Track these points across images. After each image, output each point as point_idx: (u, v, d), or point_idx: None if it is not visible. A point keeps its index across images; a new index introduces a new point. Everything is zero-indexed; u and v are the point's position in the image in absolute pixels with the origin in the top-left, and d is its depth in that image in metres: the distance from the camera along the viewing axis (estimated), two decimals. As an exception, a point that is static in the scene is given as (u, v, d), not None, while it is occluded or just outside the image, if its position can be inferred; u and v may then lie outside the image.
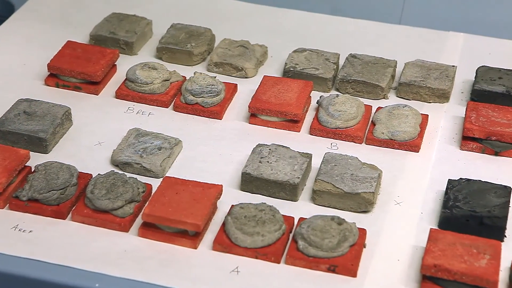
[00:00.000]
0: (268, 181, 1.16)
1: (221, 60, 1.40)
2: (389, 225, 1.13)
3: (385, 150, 1.26)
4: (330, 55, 1.41)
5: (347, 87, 1.37)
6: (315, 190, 1.15)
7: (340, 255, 1.06)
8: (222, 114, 1.32)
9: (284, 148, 1.21)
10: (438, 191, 1.18)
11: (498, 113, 1.27)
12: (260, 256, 1.07)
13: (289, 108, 1.29)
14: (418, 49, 1.48)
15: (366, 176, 1.16)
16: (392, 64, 1.39)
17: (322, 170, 1.18)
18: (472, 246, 1.04)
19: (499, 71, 1.37)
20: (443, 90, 1.35)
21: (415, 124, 1.27)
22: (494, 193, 1.13)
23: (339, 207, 1.15)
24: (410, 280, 1.05)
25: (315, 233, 1.07)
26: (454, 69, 1.39)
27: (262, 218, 1.09)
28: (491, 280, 0.99)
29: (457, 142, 1.27)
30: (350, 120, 1.28)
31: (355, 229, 1.09)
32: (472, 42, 1.50)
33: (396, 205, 1.16)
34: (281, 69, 1.42)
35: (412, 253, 1.08)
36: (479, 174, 1.20)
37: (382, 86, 1.35)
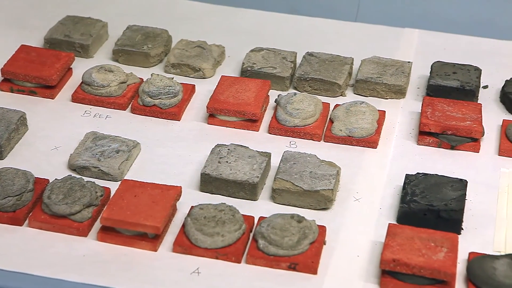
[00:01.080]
0: (228, 181, 1.16)
1: (178, 61, 1.40)
2: (349, 221, 1.14)
3: (343, 147, 1.27)
4: (287, 54, 1.42)
5: (304, 85, 1.38)
6: (275, 188, 1.16)
7: (300, 253, 1.06)
8: (180, 115, 1.31)
9: (243, 147, 1.22)
10: (396, 186, 1.19)
11: (453, 108, 1.29)
12: (220, 257, 1.07)
13: (247, 107, 1.29)
14: (374, 46, 1.49)
15: (324, 173, 1.17)
16: (349, 62, 1.40)
17: (281, 168, 1.18)
18: (430, 239, 1.05)
19: (454, 66, 1.39)
20: (399, 86, 1.36)
21: (373, 120, 1.28)
22: (450, 187, 1.14)
23: (299, 205, 1.16)
24: (370, 275, 1.06)
25: (275, 231, 1.07)
26: (410, 65, 1.40)
27: (222, 219, 1.09)
28: (448, 272, 1.01)
29: (414, 137, 1.29)
30: (308, 118, 1.29)
31: (314, 227, 1.09)
32: (427, 38, 1.52)
33: (355, 201, 1.17)
34: (238, 68, 1.42)
35: (372, 249, 1.09)
36: (436, 168, 1.21)
37: (339, 83, 1.36)
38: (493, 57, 1.46)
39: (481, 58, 1.45)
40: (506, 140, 1.25)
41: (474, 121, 1.26)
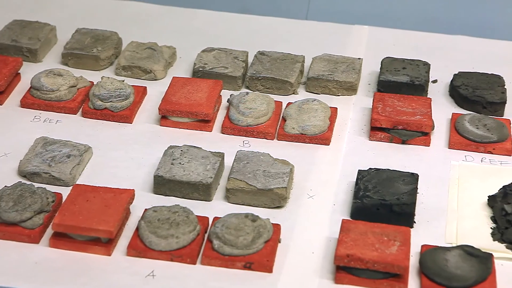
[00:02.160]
0: (181, 182, 1.16)
1: (129, 63, 1.39)
2: (303, 218, 1.14)
3: (296, 144, 1.27)
4: (239, 53, 1.42)
5: (256, 84, 1.38)
6: (229, 188, 1.16)
7: (255, 251, 1.07)
8: (132, 117, 1.30)
9: (196, 148, 1.21)
10: (349, 182, 1.20)
11: (404, 103, 1.30)
12: (175, 259, 1.06)
13: (200, 108, 1.29)
14: (325, 44, 1.50)
15: (278, 171, 1.17)
16: (300, 60, 1.41)
17: (235, 168, 1.18)
18: (383, 234, 1.06)
19: (403, 61, 1.40)
20: (351, 83, 1.37)
21: (325, 117, 1.29)
22: (402, 181, 1.15)
23: (253, 204, 1.16)
24: (325, 271, 1.06)
25: (230, 231, 1.07)
26: (360, 61, 1.41)
27: (176, 220, 1.08)
28: (401, 266, 1.02)
29: (366, 133, 1.30)
30: (261, 117, 1.29)
31: (269, 225, 1.10)
32: (376, 34, 1.53)
33: (309, 198, 1.18)
34: (190, 69, 1.42)
35: (326, 245, 1.10)
36: (388, 163, 1.23)
37: (291, 81, 1.37)
38: (441, 52, 1.49)
39: (430, 53, 1.47)
40: (455, 133, 1.27)
41: (424, 116, 1.27)
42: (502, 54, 1.48)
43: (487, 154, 1.25)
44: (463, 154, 1.25)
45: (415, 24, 1.57)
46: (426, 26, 1.56)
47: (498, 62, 1.45)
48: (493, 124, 1.27)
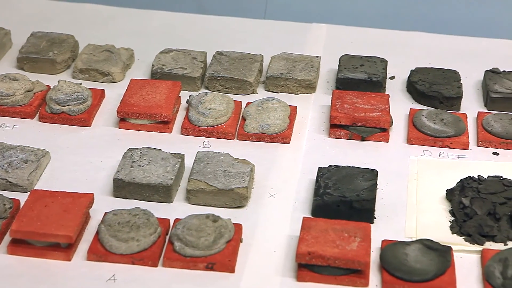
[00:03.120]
0: (141, 185, 1.15)
1: (86, 66, 1.38)
2: (264, 217, 1.14)
3: (256, 144, 1.27)
4: (197, 54, 1.42)
5: (216, 84, 1.38)
6: (189, 189, 1.15)
7: (217, 252, 1.06)
8: (90, 121, 1.29)
9: (155, 150, 1.21)
10: (309, 180, 1.21)
11: (362, 100, 1.31)
12: (136, 262, 1.06)
13: (159, 109, 1.28)
14: (283, 42, 1.50)
15: (238, 171, 1.17)
16: (259, 59, 1.41)
17: (195, 169, 1.18)
18: (344, 230, 1.07)
19: (361, 58, 1.41)
20: (309, 81, 1.38)
21: (284, 116, 1.29)
22: (362, 177, 1.16)
23: (215, 204, 1.16)
24: (287, 269, 1.06)
25: (191, 232, 1.07)
26: (318, 59, 1.42)
27: (136, 223, 1.08)
28: (362, 261, 1.03)
29: (325, 130, 1.31)
30: (221, 117, 1.29)
31: (230, 225, 1.09)
32: (334, 32, 1.54)
33: (270, 197, 1.18)
34: (149, 71, 1.41)
35: (288, 243, 1.10)
36: (348, 160, 1.23)
37: (250, 81, 1.37)
38: (398, 48, 1.50)
39: (387, 50, 1.48)
40: (413, 128, 1.29)
41: (382, 112, 1.29)
42: (458, 49, 1.50)
43: (445, 149, 1.26)
44: (421, 149, 1.26)
45: (372, 21, 1.58)
46: (383, 23, 1.57)
47: (454, 57, 1.47)
48: (450, 118, 1.29)
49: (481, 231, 1.08)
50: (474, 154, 1.25)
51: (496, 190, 1.12)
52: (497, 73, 1.37)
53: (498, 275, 1.01)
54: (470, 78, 1.41)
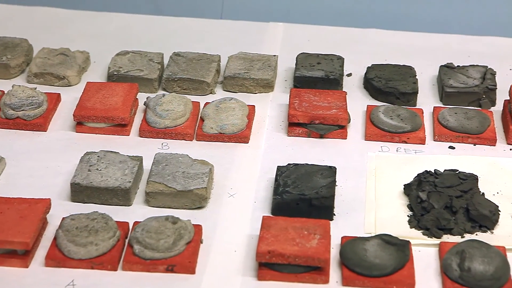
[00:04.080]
0: (99, 188, 1.14)
1: (41, 70, 1.36)
2: (224, 217, 1.14)
3: (215, 144, 1.27)
4: (154, 55, 1.41)
5: (173, 85, 1.37)
6: (148, 192, 1.15)
7: (177, 254, 1.06)
8: (46, 125, 1.28)
9: (113, 153, 1.20)
10: (269, 178, 1.21)
11: (319, 97, 1.32)
12: (96, 266, 1.05)
13: (116, 112, 1.27)
14: (241, 42, 1.50)
15: (197, 172, 1.17)
16: (216, 59, 1.41)
17: (153, 171, 1.17)
18: (303, 228, 1.07)
19: (317, 56, 1.42)
20: (267, 80, 1.38)
21: (243, 115, 1.29)
22: (320, 175, 1.17)
23: (174, 206, 1.15)
24: (247, 269, 1.06)
25: (150, 235, 1.06)
26: (276, 58, 1.42)
27: (94, 227, 1.07)
28: (322, 258, 1.03)
29: (284, 129, 1.31)
30: (179, 118, 1.29)
31: (190, 226, 1.09)
32: (291, 31, 1.55)
33: (230, 197, 1.18)
34: (105, 74, 1.40)
35: (248, 242, 1.10)
36: (307, 158, 1.24)
37: (208, 81, 1.37)
38: (354, 46, 1.51)
39: (343, 47, 1.49)
40: (371, 125, 1.30)
41: (340, 109, 1.29)
42: (413, 45, 1.51)
43: (402, 144, 1.27)
44: (379, 145, 1.27)
45: (328, 19, 1.59)
46: (339, 20, 1.58)
47: (409, 53, 1.49)
48: (407, 114, 1.30)
49: (439, 225, 1.10)
50: (431, 149, 1.26)
51: (452, 183, 1.14)
52: (451, 68, 1.39)
53: (455, 268, 1.03)
54: (426, 74, 1.43)
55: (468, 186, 1.13)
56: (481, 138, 1.27)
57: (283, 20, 1.57)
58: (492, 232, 1.10)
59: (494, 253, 1.03)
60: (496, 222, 1.10)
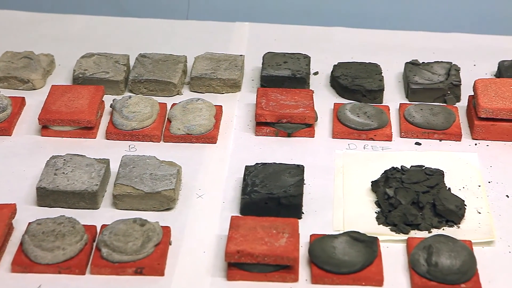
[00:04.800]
0: (66, 192, 1.13)
1: (5, 74, 1.35)
2: (193, 218, 1.14)
3: (183, 145, 1.27)
4: (120, 57, 1.40)
5: (140, 87, 1.37)
6: (115, 194, 1.14)
7: (145, 256, 1.05)
8: (11, 130, 1.26)
9: (79, 156, 1.19)
10: (237, 178, 1.21)
11: (286, 96, 1.32)
12: (63, 271, 1.04)
13: (82, 115, 1.26)
14: (207, 42, 1.50)
15: (165, 173, 1.17)
16: (182, 60, 1.41)
17: (121, 173, 1.16)
18: (272, 227, 1.07)
19: (284, 55, 1.42)
20: (234, 80, 1.38)
21: (210, 116, 1.29)
22: (288, 173, 1.17)
23: (142, 208, 1.14)
24: (217, 269, 1.06)
25: (118, 238, 1.06)
26: (242, 58, 1.42)
27: (61, 232, 1.06)
28: (291, 257, 1.03)
29: (252, 128, 1.31)
30: (145, 120, 1.28)
31: (158, 228, 1.09)
32: (257, 30, 1.55)
33: (198, 198, 1.17)
34: (70, 77, 1.39)
35: (217, 243, 1.10)
36: (275, 157, 1.24)
37: (175, 82, 1.36)
38: (321, 44, 1.51)
39: (310, 46, 1.50)
40: (338, 122, 1.30)
41: (307, 108, 1.30)
42: (378, 43, 1.52)
43: (369, 141, 1.28)
44: (346, 142, 1.28)
45: (294, 18, 1.59)
46: (305, 19, 1.59)
47: (375, 50, 1.49)
48: (373, 111, 1.31)
49: (406, 220, 1.11)
50: (398, 145, 1.27)
51: (418, 179, 1.15)
52: (416, 65, 1.40)
53: (423, 263, 1.03)
54: (391, 71, 1.44)
55: (434, 182, 1.14)
56: (446, 134, 1.28)
57: (249, 20, 1.57)
58: (458, 226, 1.11)
59: (461, 247, 1.04)
60: (462, 216, 1.11)
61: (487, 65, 1.44)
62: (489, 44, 1.51)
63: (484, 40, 1.52)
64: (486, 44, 1.51)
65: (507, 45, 1.50)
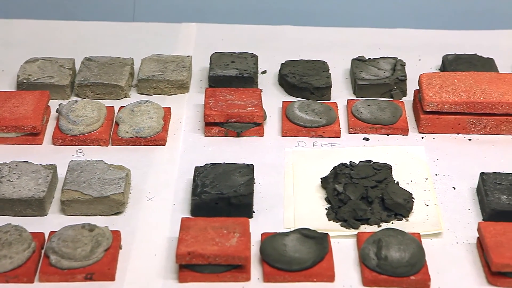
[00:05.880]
0: (12, 200, 1.11)
1: None
2: (143, 222, 1.13)
3: (132, 148, 1.26)
4: (65, 61, 1.38)
5: (86, 91, 1.35)
6: (63, 200, 1.13)
7: (95, 261, 1.04)
8: (-46, 138, 1.24)
9: (25, 163, 1.17)
10: (187, 180, 1.20)
11: (235, 96, 1.32)
12: (10, 280, 1.02)
13: (27, 121, 1.24)
14: (154, 44, 1.49)
15: (113, 177, 1.15)
16: (129, 62, 1.39)
17: (68, 179, 1.15)
18: (223, 227, 1.07)
19: (231, 55, 1.42)
20: (182, 81, 1.37)
21: (158, 118, 1.28)
22: (238, 173, 1.17)
23: (91, 213, 1.13)
24: (168, 272, 1.06)
25: (67, 244, 1.04)
26: (190, 59, 1.42)
27: (8, 240, 1.04)
28: (242, 256, 1.03)
29: (201, 129, 1.30)
30: (93, 124, 1.26)
31: (108, 233, 1.07)
32: (204, 31, 1.54)
33: (148, 200, 1.17)
34: (14, 82, 1.37)
35: (168, 245, 1.09)
36: (225, 157, 1.24)
37: (122, 85, 1.35)
38: (268, 43, 1.52)
39: (257, 45, 1.50)
40: (287, 120, 1.30)
41: (255, 107, 1.30)
42: (325, 40, 1.53)
43: (318, 138, 1.29)
44: (295, 140, 1.28)
45: (241, 18, 1.59)
46: (251, 19, 1.59)
47: (322, 48, 1.50)
48: (321, 108, 1.32)
49: (355, 216, 1.11)
50: (346, 141, 1.28)
51: (367, 174, 1.15)
52: (363, 61, 1.41)
53: (373, 257, 1.04)
54: (339, 68, 1.45)
55: (383, 176, 1.15)
56: (393, 128, 1.29)
57: (196, 20, 1.57)
58: (407, 219, 1.12)
59: (410, 240, 1.05)
60: (410, 209, 1.13)
61: (432, 60, 1.46)
62: (433, 39, 1.53)
63: (429, 35, 1.54)
64: (430, 39, 1.53)
65: (450, 40, 1.52)
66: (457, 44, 1.49)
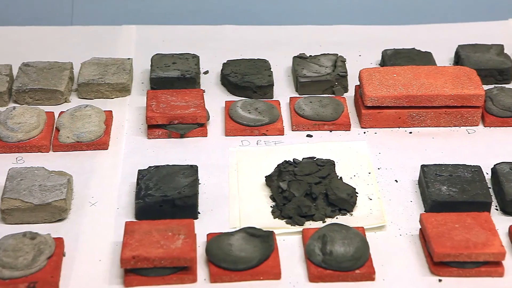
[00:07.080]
0: (-51, 211, 1.08)
1: None
2: (87, 227, 1.12)
3: (74, 153, 1.24)
4: (2, 68, 1.36)
5: (25, 97, 1.33)
6: (3, 209, 1.10)
7: (38, 270, 1.02)
8: None
9: (-38, 173, 1.14)
10: (131, 183, 1.19)
11: (177, 97, 1.31)
12: (-50, 293, 1.00)
13: (-37, 130, 1.21)
14: (94, 47, 1.47)
15: (55, 184, 1.14)
16: (68, 67, 1.37)
17: (8, 187, 1.12)
18: (167, 229, 1.06)
19: (172, 56, 1.41)
20: (123, 84, 1.36)
21: (99, 122, 1.27)
22: (182, 174, 1.16)
23: (33, 221, 1.11)
24: (114, 277, 1.04)
25: (7, 253, 1.02)
26: (130, 61, 1.40)
27: None
28: (187, 258, 1.02)
29: (143, 132, 1.29)
30: (32, 131, 1.24)
31: (50, 240, 1.06)
32: (145, 33, 1.53)
33: (92, 206, 1.15)
34: (-50, 90, 1.33)
35: (113, 250, 1.08)
36: (169, 159, 1.23)
37: (61, 90, 1.33)
38: (209, 43, 1.51)
39: (199, 45, 1.49)
40: (230, 120, 1.30)
41: (198, 107, 1.29)
42: (266, 39, 1.53)
43: (262, 136, 1.29)
44: (239, 139, 1.28)
45: (181, 19, 1.59)
46: (192, 19, 1.58)
47: (264, 46, 1.50)
48: (264, 106, 1.32)
49: (300, 212, 1.12)
50: (290, 139, 1.29)
51: (310, 171, 1.16)
52: (304, 58, 1.42)
53: (318, 252, 1.05)
54: (280, 66, 1.45)
55: (326, 172, 1.16)
56: (336, 124, 1.30)
57: (136, 22, 1.55)
58: (351, 214, 1.13)
59: (354, 234, 1.06)
60: (354, 204, 1.14)
61: (372, 55, 1.48)
62: (372, 35, 1.55)
63: (368, 31, 1.56)
64: (369, 34, 1.55)
65: (389, 35, 1.54)
66: (396, 39, 1.51)
